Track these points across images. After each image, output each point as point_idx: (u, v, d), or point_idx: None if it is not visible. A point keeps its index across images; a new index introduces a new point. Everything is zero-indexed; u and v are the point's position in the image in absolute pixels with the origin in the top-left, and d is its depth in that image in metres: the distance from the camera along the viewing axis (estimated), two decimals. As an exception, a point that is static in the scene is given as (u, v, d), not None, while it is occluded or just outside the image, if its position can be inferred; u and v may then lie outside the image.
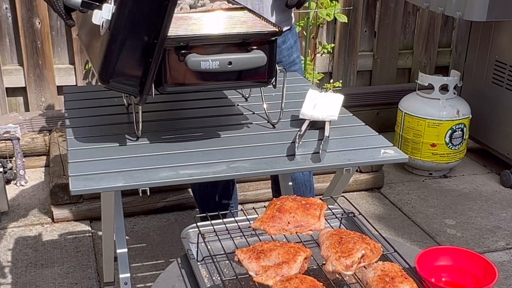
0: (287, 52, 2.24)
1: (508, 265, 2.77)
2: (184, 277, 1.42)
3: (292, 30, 2.27)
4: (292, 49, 2.25)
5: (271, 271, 1.25)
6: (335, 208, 1.60)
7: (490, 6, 2.99)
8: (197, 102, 1.89)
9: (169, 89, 1.47)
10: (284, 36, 2.20)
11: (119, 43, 1.37)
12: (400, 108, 3.59)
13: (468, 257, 1.43)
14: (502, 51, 3.52)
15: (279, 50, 2.19)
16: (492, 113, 3.61)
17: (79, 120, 1.73)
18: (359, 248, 1.29)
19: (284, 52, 2.22)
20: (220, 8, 1.69)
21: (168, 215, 3.11)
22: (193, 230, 1.54)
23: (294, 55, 2.27)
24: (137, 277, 2.61)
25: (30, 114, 3.61)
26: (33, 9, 3.49)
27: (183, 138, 1.61)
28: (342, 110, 1.74)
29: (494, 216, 3.17)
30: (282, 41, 2.20)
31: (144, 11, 1.36)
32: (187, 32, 1.48)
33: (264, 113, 1.75)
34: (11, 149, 3.34)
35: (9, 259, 2.73)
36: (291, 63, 2.25)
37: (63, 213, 3.01)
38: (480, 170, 3.71)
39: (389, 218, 3.16)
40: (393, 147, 1.59)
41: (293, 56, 2.26)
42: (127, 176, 1.40)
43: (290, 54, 2.25)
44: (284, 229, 1.40)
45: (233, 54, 1.46)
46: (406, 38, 4.29)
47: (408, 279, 1.24)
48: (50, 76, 3.63)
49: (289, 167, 1.50)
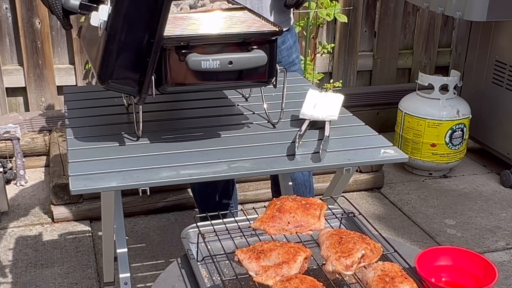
0: (287, 52, 2.24)
1: (508, 265, 2.77)
2: (184, 277, 1.42)
3: (292, 31, 2.27)
4: (291, 50, 2.25)
5: (271, 271, 1.25)
6: (335, 208, 1.60)
7: (490, 6, 2.99)
8: (197, 102, 1.89)
9: (170, 89, 1.47)
10: (283, 36, 2.20)
11: (116, 44, 1.37)
12: (400, 108, 3.59)
13: (468, 257, 1.43)
14: (502, 51, 3.52)
15: (278, 50, 2.19)
16: (492, 113, 3.61)
17: (79, 120, 1.73)
18: (359, 248, 1.29)
19: (283, 52, 2.22)
20: (220, 8, 1.70)
21: (168, 215, 3.11)
22: (193, 230, 1.54)
23: (294, 55, 2.27)
24: (137, 277, 2.61)
25: (30, 114, 3.61)
26: (33, 9, 3.49)
27: (183, 138, 1.61)
28: (342, 110, 1.74)
29: (494, 216, 3.17)
30: (281, 41, 2.20)
31: (140, 11, 1.36)
32: (187, 32, 1.48)
33: (264, 113, 1.75)
34: (11, 149, 3.34)
35: (9, 259, 2.73)
36: (290, 64, 2.25)
37: (63, 213, 3.01)
38: (480, 170, 3.71)
39: (389, 218, 3.16)
40: (393, 147, 1.59)
41: (292, 56, 2.26)
42: (127, 176, 1.40)
43: (289, 55, 2.25)
44: (284, 229, 1.40)
45: (233, 53, 1.46)
46: (406, 38, 4.29)
47: (408, 279, 1.23)
48: (50, 76, 3.63)
49: (289, 167, 1.50)
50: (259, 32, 1.51)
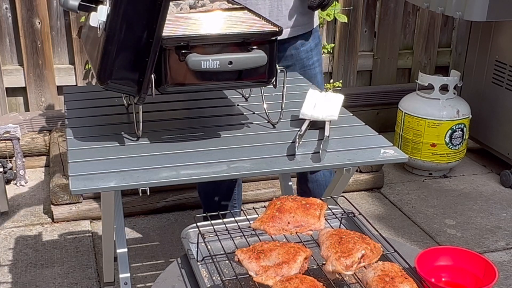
0: (305, 54, 2.23)
1: (508, 265, 2.77)
2: (184, 277, 1.42)
3: (314, 34, 2.26)
4: (312, 52, 2.24)
5: (271, 271, 1.25)
6: (335, 208, 1.60)
7: (490, 6, 2.99)
8: (197, 102, 1.89)
9: (170, 89, 1.47)
10: (304, 38, 2.20)
11: (115, 44, 1.38)
12: (400, 108, 3.59)
13: (468, 257, 1.43)
14: (502, 51, 3.52)
15: (296, 51, 2.20)
16: (492, 113, 3.61)
17: (79, 120, 1.73)
18: (359, 248, 1.29)
19: (301, 54, 2.22)
20: (220, 8, 1.70)
21: (168, 215, 3.11)
22: (193, 230, 1.54)
23: (314, 58, 2.26)
24: (137, 277, 2.61)
25: (30, 114, 3.61)
26: (33, 9, 3.49)
27: (183, 138, 1.61)
28: (342, 110, 1.74)
29: (494, 216, 3.17)
30: (300, 43, 2.20)
31: (139, 11, 1.36)
32: (187, 32, 1.48)
33: (264, 113, 1.75)
34: (11, 149, 3.34)
35: (9, 259, 2.73)
36: (309, 66, 2.25)
37: (63, 213, 3.01)
38: (480, 170, 3.71)
39: (389, 218, 3.16)
40: (393, 147, 1.59)
41: (312, 59, 2.25)
42: (127, 176, 1.40)
43: (309, 57, 2.24)
44: (284, 229, 1.40)
45: (233, 53, 1.46)
46: (406, 38, 4.29)
47: (408, 279, 1.23)
48: (50, 76, 3.63)
49: (289, 167, 1.50)
50: (259, 32, 1.51)
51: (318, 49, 2.28)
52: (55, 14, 3.59)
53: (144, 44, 1.38)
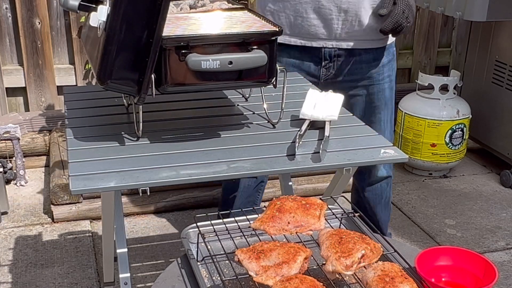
0: (376, 69, 2.26)
1: (508, 265, 2.77)
2: (184, 277, 1.42)
3: (389, 50, 2.29)
4: (383, 68, 2.28)
5: (271, 271, 1.25)
6: (335, 208, 1.60)
7: (490, 6, 2.99)
8: (197, 102, 1.89)
9: (170, 89, 1.47)
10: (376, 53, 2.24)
11: (115, 44, 1.37)
12: (400, 108, 3.59)
13: (468, 257, 1.43)
14: (502, 51, 3.52)
15: (367, 65, 2.24)
16: (492, 113, 3.61)
17: (79, 120, 1.73)
18: (359, 248, 1.29)
19: (372, 68, 2.25)
20: (220, 8, 1.70)
21: (168, 215, 3.11)
22: (193, 230, 1.53)
23: (385, 74, 2.29)
24: (137, 277, 2.61)
25: (30, 114, 3.61)
26: (33, 9, 3.49)
27: (183, 138, 1.61)
28: (342, 110, 1.74)
29: (494, 216, 3.17)
30: (372, 57, 2.24)
31: (139, 11, 1.36)
32: (188, 32, 1.48)
33: (264, 113, 1.75)
34: (11, 149, 3.34)
35: (9, 259, 2.73)
36: (380, 80, 2.28)
37: (63, 213, 3.01)
38: (480, 170, 3.71)
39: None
40: (393, 147, 1.59)
41: (383, 74, 2.29)
42: (127, 176, 1.40)
43: (379, 72, 2.27)
44: (284, 229, 1.40)
45: (233, 53, 1.46)
46: (406, 38, 4.29)
47: (408, 279, 1.23)
48: (50, 76, 3.63)
49: (289, 167, 1.50)
50: (259, 32, 1.51)
51: (390, 66, 2.32)
52: (55, 14, 3.59)
53: (144, 44, 1.38)
